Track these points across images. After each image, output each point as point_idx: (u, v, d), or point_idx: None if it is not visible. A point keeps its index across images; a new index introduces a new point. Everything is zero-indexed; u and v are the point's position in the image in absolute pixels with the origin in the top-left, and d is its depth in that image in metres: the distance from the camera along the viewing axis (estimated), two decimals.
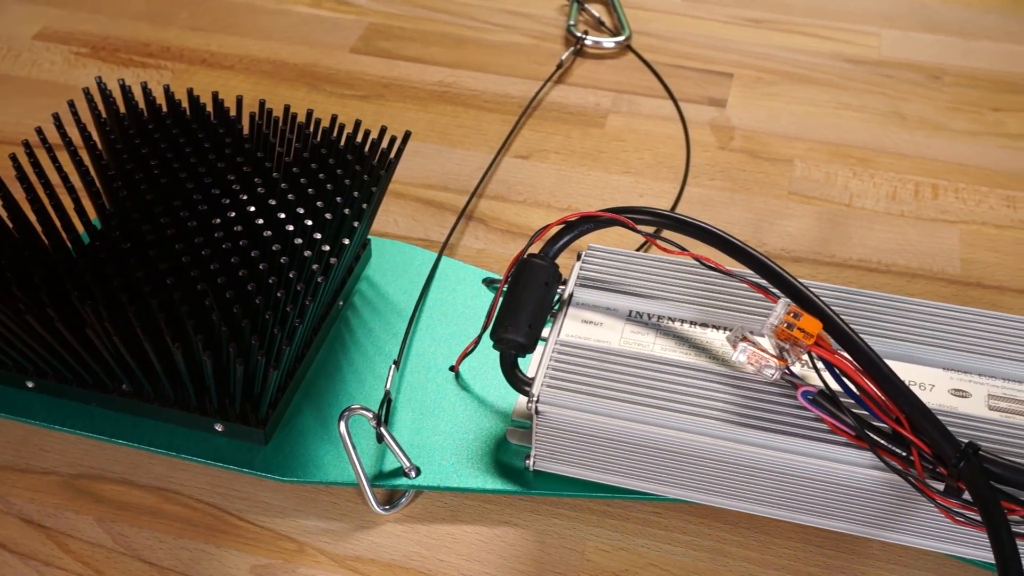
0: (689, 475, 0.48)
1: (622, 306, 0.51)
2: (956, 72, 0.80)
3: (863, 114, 0.75)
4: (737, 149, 0.72)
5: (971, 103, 0.77)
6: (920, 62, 0.80)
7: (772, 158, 0.71)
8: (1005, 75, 0.79)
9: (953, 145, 0.73)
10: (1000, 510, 0.41)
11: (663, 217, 0.50)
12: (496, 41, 0.81)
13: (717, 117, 0.74)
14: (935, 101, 0.77)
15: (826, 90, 0.77)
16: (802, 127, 0.74)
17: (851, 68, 0.80)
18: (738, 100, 0.76)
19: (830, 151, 0.72)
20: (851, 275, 0.63)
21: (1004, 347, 0.49)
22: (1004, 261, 0.64)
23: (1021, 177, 0.70)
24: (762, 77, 0.78)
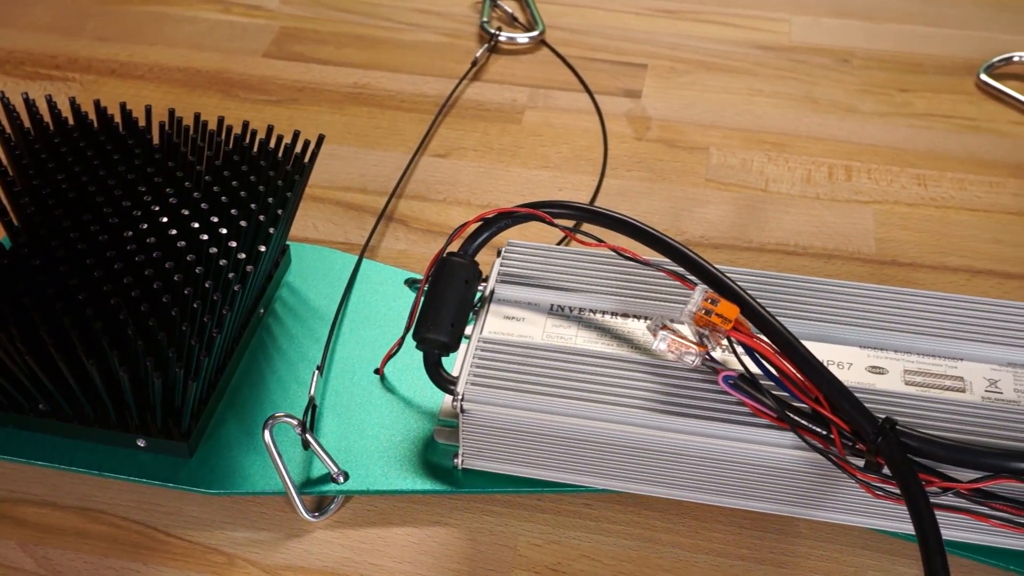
0: (617, 465, 0.48)
1: (543, 300, 0.51)
2: (864, 55, 0.81)
3: (776, 100, 0.76)
4: (654, 139, 0.72)
5: (879, 85, 0.78)
6: (829, 46, 0.82)
7: (688, 147, 0.72)
8: (911, 56, 0.81)
9: (864, 127, 0.74)
10: (918, 482, 0.41)
11: (579, 210, 0.51)
12: (410, 40, 0.81)
13: (633, 108, 0.75)
14: (845, 84, 0.78)
15: (739, 77, 0.78)
16: (717, 115, 0.75)
17: (763, 55, 0.81)
18: (653, 91, 0.77)
19: (745, 137, 0.73)
20: (769, 259, 0.64)
21: (918, 323, 0.50)
22: (917, 238, 0.65)
23: (930, 155, 0.71)
24: (676, 67, 0.79)
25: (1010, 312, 0.51)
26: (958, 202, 0.68)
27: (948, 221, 0.66)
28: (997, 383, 0.48)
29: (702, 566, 0.48)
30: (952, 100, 0.77)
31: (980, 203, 0.68)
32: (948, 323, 0.50)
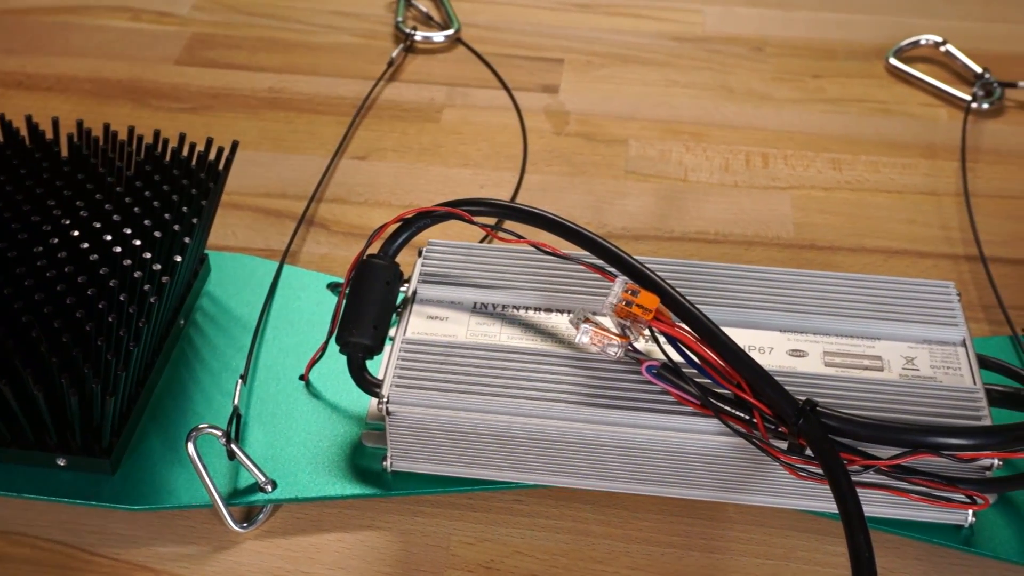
0: (546, 460, 0.48)
1: (466, 299, 0.51)
2: (777, 43, 0.82)
3: (692, 90, 0.77)
4: (573, 133, 0.73)
5: (793, 72, 0.79)
6: (743, 35, 0.83)
7: (607, 140, 0.72)
8: (822, 42, 0.82)
9: (779, 113, 0.75)
10: (839, 461, 0.42)
11: (497, 207, 0.51)
12: (324, 43, 0.80)
13: (551, 103, 0.75)
14: (759, 72, 0.79)
15: (655, 69, 0.79)
16: (634, 107, 0.75)
17: (678, 46, 0.81)
18: (570, 85, 0.77)
19: (663, 128, 0.73)
20: (691, 248, 0.64)
21: (836, 305, 0.51)
22: (834, 222, 0.66)
23: (844, 139, 0.73)
24: (592, 61, 0.79)
25: (924, 290, 0.52)
26: (872, 184, 0.69)
27: (863, 204, 0.68)
28: (914, 360, 0.49)
29: (634, 555, 0.49)
30: (863, 84, 0.78)
31: (894, 185, 0.69)
32: (865, 304, 0.51)
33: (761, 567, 0.48)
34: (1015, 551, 0.48)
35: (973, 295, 0.61)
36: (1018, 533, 0.48)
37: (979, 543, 0.48)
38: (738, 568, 0.48)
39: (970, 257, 0.64)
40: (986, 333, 0.59)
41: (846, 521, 0.41)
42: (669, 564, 0.48)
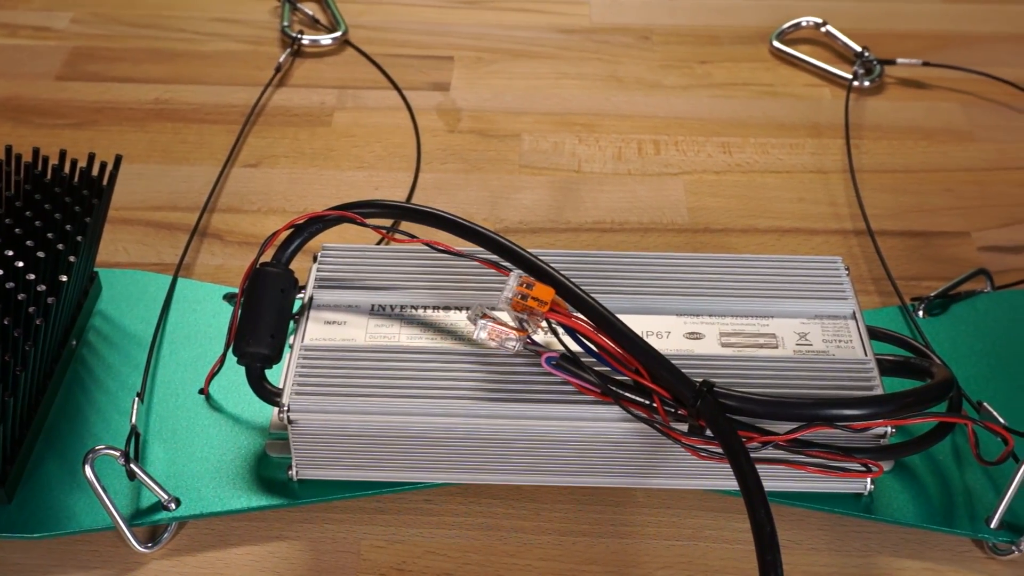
0: (453, 458, 0.48)
1: (364, 302, 0.51)
2: (664, 31, 0.83)
3: (582, 81, 0.78)
4: (466, 130, 0.73)
5: (680, 59, 0.80)
6: (630, 25, 0.84)
7: (500, 135, 0.72)
8: (707, 29, 0.83)
9: (668, 100, 0.76)
10: (738, 439, 0.43)
11: (388, 207, 0.50)
12: (210, 51, 0.79)
13: (443, 101, 0.75)
14: (648, 61, 0.80)
15: (545, 62, 0.79)
16: (526, 101, 0.75)
17: (566, 38, 0.82)
18: (461, 82, 0.77)
19: (555, 121, 0.74)
20: (588, 238, 0.65)
21: (730, 286, 0.52)
22: (726, 204, 0.67)
23: (732, 123, 0.74)
24: (482, 57, 0.79)
25: (814, 266, 0.53)
26: (762, 166, 0.70)
27: (754, 185, 0.69)
28: (807, 336, 0.50)
29: (545, 547, 0.49)
30: (749, 68, 0.79)
31: (782, 165, 0.70)
32: (758, 283, 0.52)
33: (671, 548, 0.49)
34: (913, 515, 0.49)
35: (863, 268, 0.63)
36: (915, 497, 0.50)
37: (879, 509, 0.49)
38: (648, 551, 0.49)
39: (858, 231, 0.65)
40: (877, 305, 0.60)
41: (747, 497, 0.41)
42: (580, 552, 0.49)
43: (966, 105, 0.76)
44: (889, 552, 0.49)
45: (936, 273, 0.62)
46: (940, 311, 0.59)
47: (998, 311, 0.58)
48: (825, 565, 0.48)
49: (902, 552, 0.49)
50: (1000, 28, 0.83)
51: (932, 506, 0.49)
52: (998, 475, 0.50)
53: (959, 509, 0.49)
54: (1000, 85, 0.77)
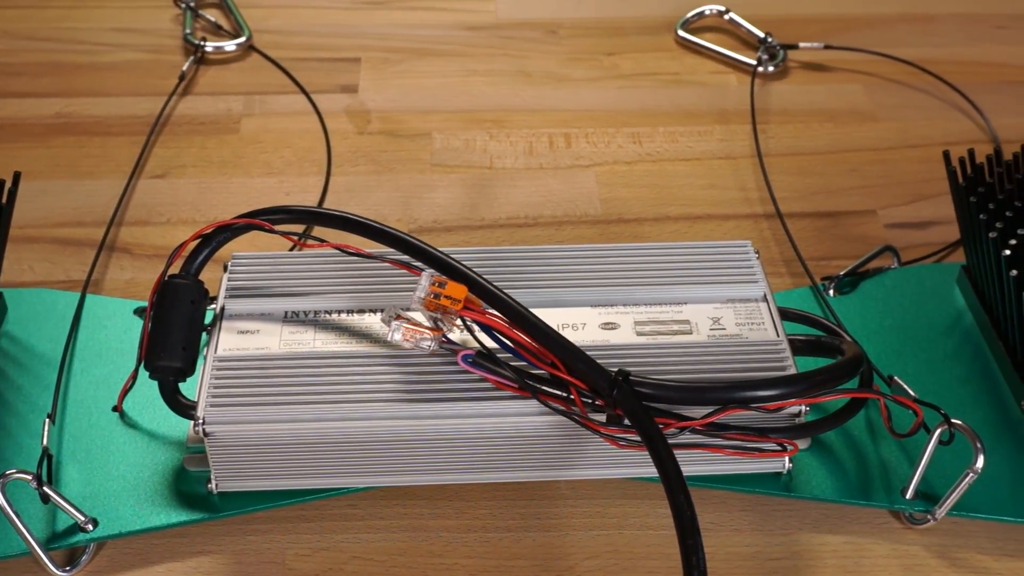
0: (375, 461, 0.48)
1: (277, 309, 0.50)
2: (570, 24, 0.83)
3: (491, 77, 0.78)
4: (376, 132, 0.72)
5: (587, 52, 0.80)
6: (536, 20, 0.84)
7: (411, 135, 0.72)
8: (613, 21, 0.84)
9: (577, 93, 0.76)
10: (654, 426, 0.43)
11: (296, 212, 0.50)
12: (111, 62, 0.78)
13: (351, 104, 0.75)
14: (555, 55, 0.80)
15: (453, 60, 0.79)
16: (435, 100, 0.75)
17: (473, 35, 0.82)
18: (369, 84, 0.76)
19: (465, 118, 0.74)
20: (503, 234, 0.65)
21: (643, 274, 0.52)
22: (638, 194, 0.68)
23: (642, 113, 0.74)
24: (389, 57, 0.79)
25: (725, 251, 0.54)
26: (672, 154, 0.71)
27: (665, 174, 0.69)
28: (720, 320, 0.51)
29: (472, 544, 0.49)
30: (656, 58, 0.80)
31: (692, 152, 0.71)
32: (671, 271, 0.53)
33: (596, 538, 0.49)
34: (832, 490, 0.50)
35: (774, 251, 0.64)
36: (833, 473, 0.50)
37: (798, 487, 0.50)
38: (574, 542, 0.49)
39: (768, 215, 0.66)
40: (789, 286, 0.61)
41: (666, 483, 0.42)
42: (507, 548, 0.49)
43: (868, 86, 0.77)
44: (810, 528, 0.50)
45: (845, 252, 0.63)
46: (850, 289, 0.60)
47: (905, 286, 0.60)
48: (748, 545, 0.49)
49: (822, 528, 0.50)
50: (898, 9, 0.85)
51: (850, 481, 0.50)
52: (911, 447, 0.51)
53: (875, 482, 0.50)
54: (900, 65, 0.79)
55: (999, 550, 0.49)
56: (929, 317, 0.58)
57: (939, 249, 0.63)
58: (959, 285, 0.59)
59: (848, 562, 0.48)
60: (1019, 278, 0.50)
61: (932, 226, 0.65)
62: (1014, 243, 0.50)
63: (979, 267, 0.55)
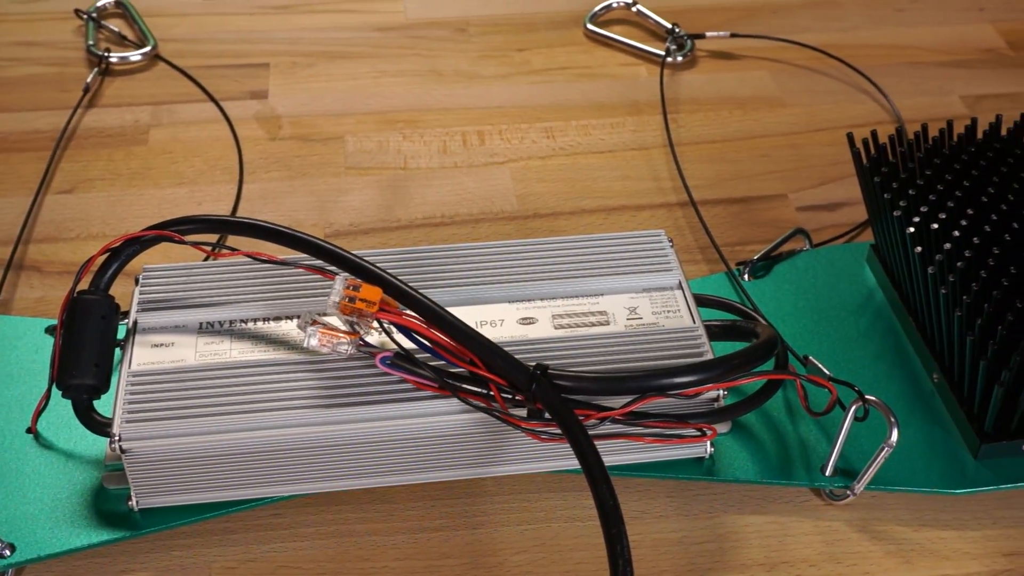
0: (298, 469, 0.48)
1: (191, 320, 0.50)
2: (480, 22, 0.83)
3: (402, 78, 0.77)
4: (288, 137, 0.72)
5: (498, 48, 0.81)
6: (445, 18, 0.84)
7: (324, 138, 0.71)
8: (523, 16, 0.84)
9: (489, 90, 0.76)
10: (574, 418, 0.43)
11: (204, 222, 0.49)
12: (12, 76, 0.76)
13: (262, 109, 0.74)
14: (466, 53, 0.80)
15: (363, 62, 0.79)
16: (347, 102, 0.75)
17: (382, 36, 0.82)
18: (279, 89, 0.76)
19: (378, 120, 0.73)
20: (420, 234, 0.65)
21: (559, 268, 0.53)
22: (553, 188, 0.68)
23: (554, 108, 0.75)
24: (298, 61, 0.78)
25: (639, 241, 0.54)
26: (585, 147, 0.71)
27: (579, 167, 0.70)
28: (636, 309, 0.51)
29: (400, 546, 0.49)
30: (566, 52, 0.80)
31: (605, 145, 0.72)
32: (587, 263, 0.53)
33: (524, 533, 0.49)
34: (753, 471, 0.51)
35: (689, 238, 0.64)
36: (754, 455, 0.51)
37: (720, 471, 0.51)
38: (502, 538, 0.49)
39: (682, 203, 0.67)
40: (705, 272, 0.62)
41: (588, 474, 0.42)
42: (435, 547, 0.49)
43: (775, 72, 0.78)
44: (734, 510, 0.50)
45: (758, 236, 0.64)
46: (764, 273, 0.61)
47: (818, 267, 0.61)
48: (674, 531, 0.49)
49: (746, 509, 0.50)
50: None
51: (770, 461, 0.51)
52: (829, 425, 0.52)
53: (796, 461, 0.51)
54: (805, 51, 0.80)
55: (917, 520, 0.50)
56: (841, 296, 0.59)
57: (849, 230, 0.65)
58: (869, 264, 0.60)
59: (772, 541, 0.49)
60: (924, 254, 0.51)
61: (842, 207, 0.67)
62: (918, 220, 0.51)
63: (887, 245, 0.57)
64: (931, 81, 0.77)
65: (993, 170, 0.54)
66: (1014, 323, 0.46)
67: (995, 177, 0.53)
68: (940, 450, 0.51)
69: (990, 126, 0.57)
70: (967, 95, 0.76)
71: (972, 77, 0.78)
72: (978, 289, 0.47)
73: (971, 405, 0.51)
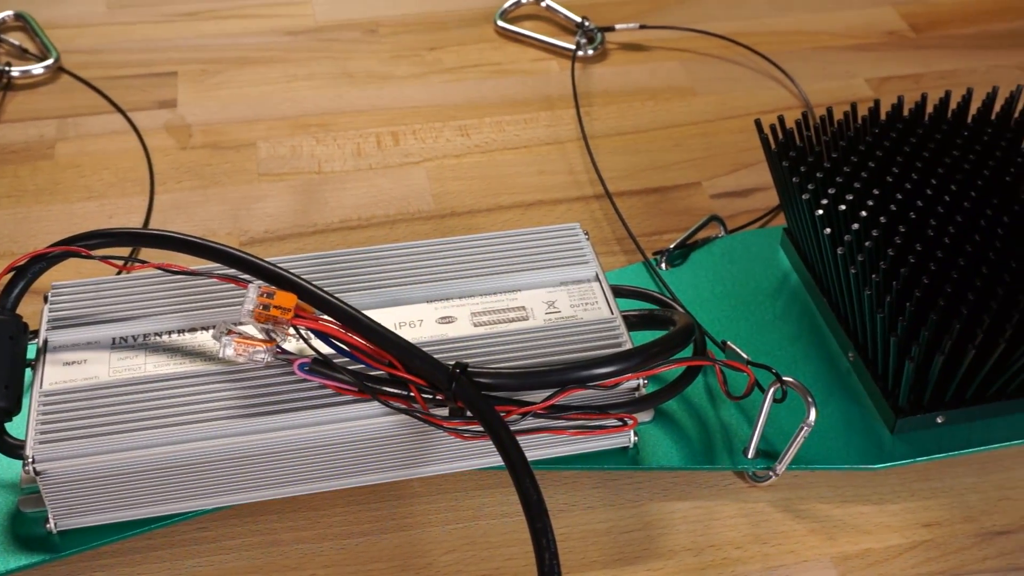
0: (221, 480, 0.47)
1: (104, 336, 0.49)
2: (390, 22, 0.83)
3: (314, 81, 0.77)
4: (199, 145, 0.71)
5: (409, 48, 0.80)
6: (355, 20, 0.83)
7: (235, 145, 0.71)
8: (433, 15, 0.84)
9: (402, 91, 0.76)
10: (495, 415, 0.43)
11: (113, 236, 0.48)
12: None
13: (171, 119, 0.73)
14: (377, 54, 0.80)
15: (274, 67, 0.78)
16: (258, 108, 0.74)
17: (292, 40, 0.81)
18: (188, 97, 0.75)
19: (290, 125, 0.73)
20: (336, 238, 0.64)
21: (476, 266, 0.53)
22: (469, 186, 0.68)
23: (468, 105, 0.75)
24: (207, 68, 0.77)
25: (555, 235, 0.55)
26: (500, 144, 0.71)
27: (494, 164, 0.70)
28: (555, 303, 0.51)
29: (329, 553, 0.48)
30: (478, 49, 0.80)
31: (519, 140, 0.72)
32: (504, 259, 0.53)
33: (453, 532, 0.49)
34: (677, 457, 0.51)
35: (607, 230, 0.65)
36: (677, 441, 0.52)
37: (645, 459, 0.51)
38: (431, 539, 0.49)
39: (599, 195, 0.67)
40: (623, 263, 0.62)
41: (511, 469, 0.42)
42: (364, 552, 0.48)
43: (685, 62, 0.79)
44: (660, 497, 0.51)
45: (674, 225, 0.65)
46: (681, 261, 0.61)
47: (733, 253, 0.61)
48: (602, 521, 0.50)
49: (672, 495, 0.51)
50: None
51: (694, 447, 0.52)
52: (750, 408, 0.53)
53: (719, 446, 0.52)
54: (714, 40, 0.81)
55: (839, 497, 0.51)
56: (758, 281, 0.60)
57: (762, 215, 0.66)
58: (783, 247, 0.61)
59: (698, 526, 0.50)
60: (833, 236, 0.52)
61: (754, 193, 0.67)
62: (826, 203, 0.52)
63: (798, 228, 0.57)
64: (837, 65, 0.79)
65: (897, 150, 0.55)
66: (921, 299, 0.47)
67: (899, 157, 0.54)
68: (858, 427, 0.52)
69: (892, 107, 0.58)
70: (872, 77, 0.77)
71: (876, 60, 0.79)
72: (886, 268, 0.48)
73: (885, 381, 0.52)
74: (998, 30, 0.83)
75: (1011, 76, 0.78)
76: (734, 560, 0.48)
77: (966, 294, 0.47)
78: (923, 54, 0.80)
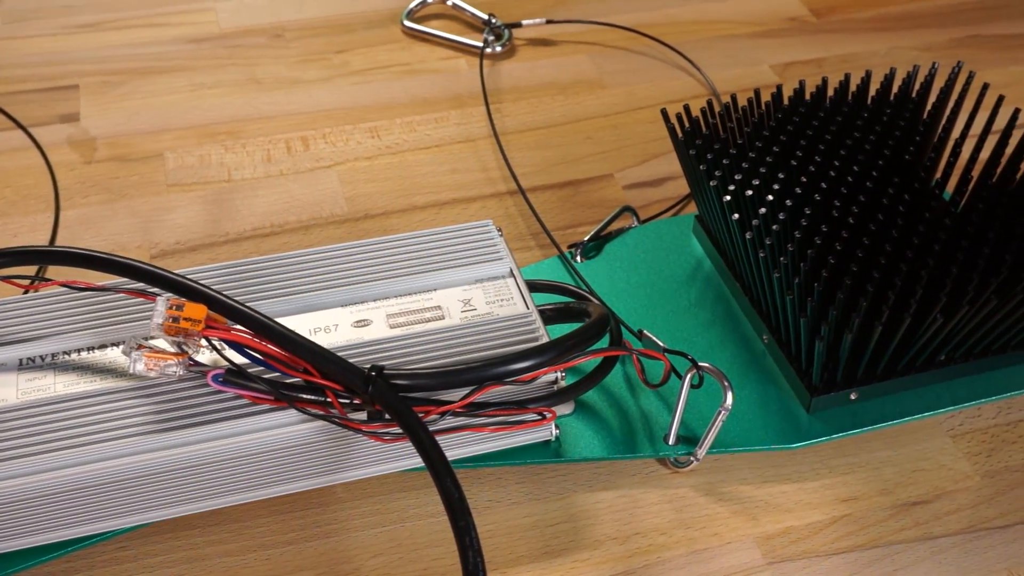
0: (138, 498, 0.46)
1: (10, 358, 0.48)
2: (295, 27, 0.82)
3: (221, 89, 0.76)
4: (104, 159, 0.69)
5: (317, 52, 0.80)
6: (260, 25, 0.82)
7: (142, 157, 0.69)
8: (339, 18, 0.83)
9: (311, 95, 0.75)
10: (413, 416, 0.43)
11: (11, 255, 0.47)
12: None
13: (74, 133, 0.71)
14: (284, 58, 0.79)
15: (179, 76, 0.77)
16: (164, 118, 0.73)
17: (197, 48, 0.80)
18: (91, 110, 0.73)
19: (198, 134, 0.72)
20: (250, 246, 0.63)
21: (390, 267, 0.52)
22: (383, 188, 0.68)
23: (377, 107, 0.74)
24: (109, 80, 0.76)
25: (468, 233, 0.54)
26: (411, 144, 0.71)
27: (407, 164, 0.70)
28: (470, 301, 0.51)
29: (255, 565, 0.48)
30: (386, 51, 0.80)
31: (431, 140, 0.72)
32: (417, 259, 0.53)
33: (379, 535, 0.49)
34: (599, 448, 0.51)
35: (521, 226, 0.65)
36: (599, 432, 0.52)
37: (567, 451, 0.51)
38: (357, 543, 0.49)
39: (512, 192, 0.67)
40: (539, 258, 0.63)
41: (432, 469, 0.42)
42: (290, 561, 0.48)
43: (593, 55, 0.79)
44: (584, 489, 0.51)
45: (588, 218, 0.65)
46: (596, 253, 0.62)
47: (647, 242, 0.62)
48: (527, 516, 0.50)
49: (596, 486, 0.51)
50: None
51: (615, 437, 0.52)
52: (669, 395, 0.53)
53: (639, 434, 0.52)
54: (620, 32, 0.81)
55: (759, 478, 0.52)
56: (672, 269, 0.60)
57: (674, 203, 0.66)
58: (695, 234, 0.62)
59: (623, 514, 0.50)
60: (742, 221, 0.53)
61: (666, 182, 0.68)
62: (733, 188, 0.53)
63: (709, 215, 0.58)
64: (741, 52, 0.80)
65: (800, 134, 0.56)
66: (828, 279, 0.48)
67: (802, 140, 0.55)
68: (775, 408, 0.53)
69: (795, 92, 0.59)
70: (776, 63, 0.79)
71: (780, 46, 0.81)
72: (793, 250, 0.49)
73: (799, 362, 0.53)
74: (896, 12, 0.85)
75: (910, 57, 0.80)
76: (659, 546, 0.49)
77: (871, 272, 0.48)
78: (825, 38, 0.82)
